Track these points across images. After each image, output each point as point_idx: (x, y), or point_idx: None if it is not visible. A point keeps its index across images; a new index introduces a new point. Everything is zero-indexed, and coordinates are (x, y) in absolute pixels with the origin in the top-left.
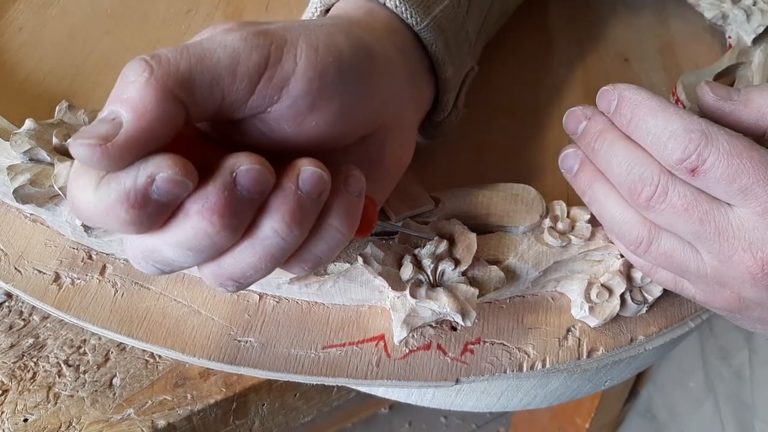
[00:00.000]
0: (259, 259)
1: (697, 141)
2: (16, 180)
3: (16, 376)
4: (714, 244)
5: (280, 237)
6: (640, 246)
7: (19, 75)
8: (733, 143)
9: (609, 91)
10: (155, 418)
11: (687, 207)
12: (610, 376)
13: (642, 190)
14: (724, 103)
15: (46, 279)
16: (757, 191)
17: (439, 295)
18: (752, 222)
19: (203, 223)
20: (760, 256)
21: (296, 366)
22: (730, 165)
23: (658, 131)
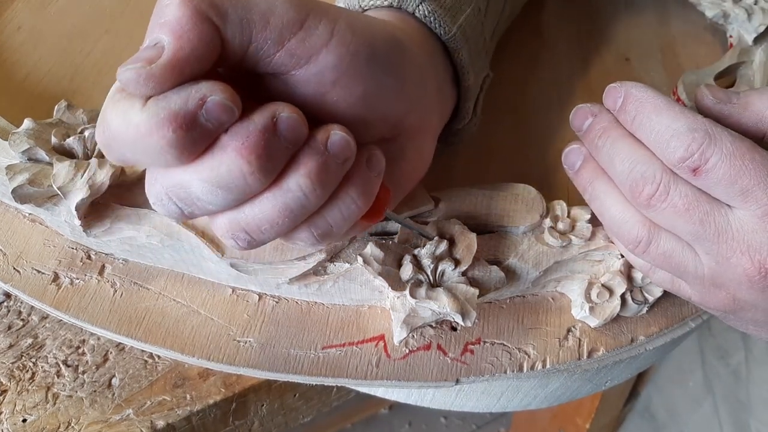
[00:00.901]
0: (278, 213)
1: (700, 140)
2: (15, 180)
3: (14, 377)
4: (713, 246)
5: (303, 192)
6: (639, 245)
7: (18, 74)
8: (736, 144)
9: (616, 88)
10: (154, 418)
11: (688, 207)
12: (611, 377)
13: (643, 188)
14: (723, 106)
15: (45, 279)
16: (758, 193)
17: (439, 295)
18: (751, 224)
19: (240, 161)
20: (757, 258)
21: (296, 366)
22: (732, 166)
23: (661, 129)
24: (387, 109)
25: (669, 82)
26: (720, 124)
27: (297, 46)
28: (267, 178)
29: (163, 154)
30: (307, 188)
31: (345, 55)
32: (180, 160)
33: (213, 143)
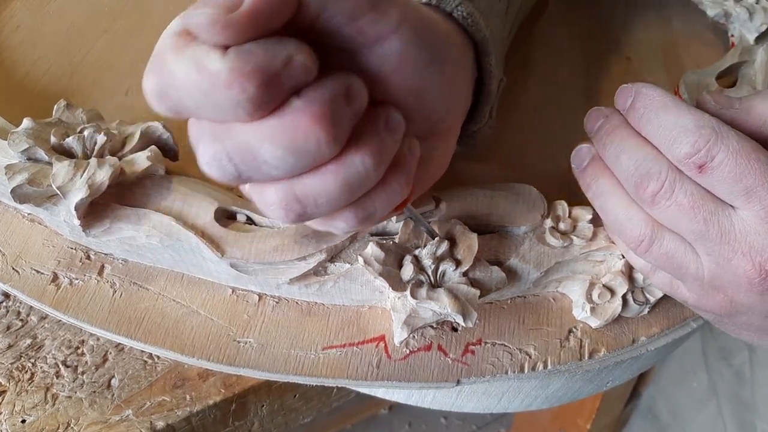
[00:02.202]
0: (338, 188)
1: (707, 137)
2: (14, 179)
3: (14, 377)
4: (715, 246)
5: (365, 169)
6: (642, 244)
7: (16, 74)
8: (742, 143)
9: (627, 88)
10: (154, 419)
11: (693, 205)
12: (612, 377)
13: (648, 185)
14: (726, 111)
15: (44, 279)
16: (762, 194)
17: (440, 295)
18: (754, 226)
19: (317, 127)
20: (758, 261)
21: (296, 367)
22: (738, 164)
23: (668, 125)
24: (433, 107)
25: (670, 82)
26: (726, 125)
27: (368, 25)
28: (337, 149)
29: (236, 108)
30: (370, 165)
31: (412, 42)
32: (251, 117)
33: (283, 105)
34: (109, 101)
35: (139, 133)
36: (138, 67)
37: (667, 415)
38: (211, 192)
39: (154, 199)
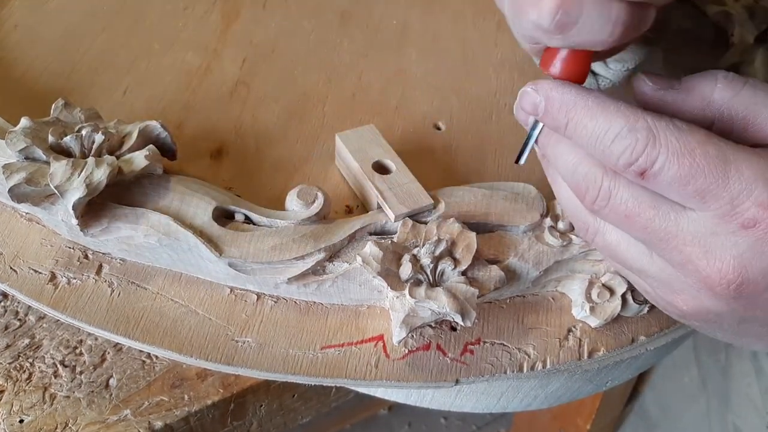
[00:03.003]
0: None
1: (644, 141)
2: (12, 179)
3: (11, 377)
4: (663, 252)
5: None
6: (587, 233)
7: (14, 73)
8: (684, 139)
9: (531, 93)
10: (152, 419)
11: (629, 214)
12: (612, 377)
13: (586, 192)
14: (665, 92)
15: (42, 278)
16: (716, 192)
17: (439, 294)
18: (710, 227)
19: None
20: (718, 265)
21: (294, 366)
22: (681, 165)
23: (599, 133)
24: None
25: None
26: (665, 116)
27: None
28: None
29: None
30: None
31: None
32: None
33: None
34: (107, 100)
35: (137, 132)
36: (136, 65)
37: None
38: (209, 191)
39: (152, 199)
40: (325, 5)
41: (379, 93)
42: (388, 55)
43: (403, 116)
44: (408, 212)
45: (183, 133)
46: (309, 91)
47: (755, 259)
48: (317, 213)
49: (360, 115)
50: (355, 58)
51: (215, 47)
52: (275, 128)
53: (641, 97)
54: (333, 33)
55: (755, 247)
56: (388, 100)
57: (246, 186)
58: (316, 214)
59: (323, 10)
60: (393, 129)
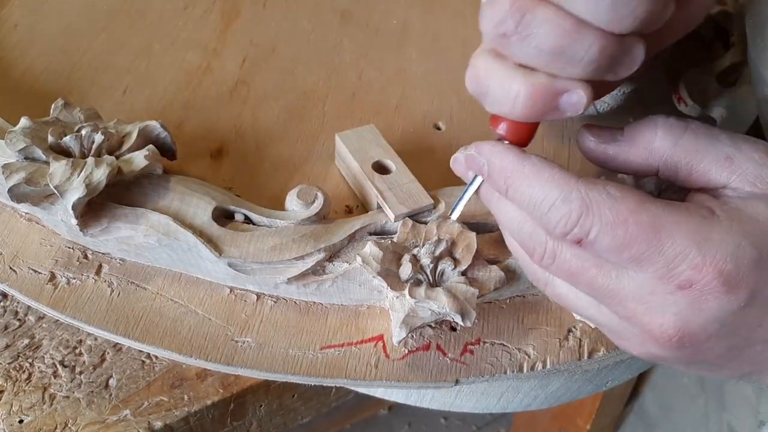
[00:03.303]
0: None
1: (577, 212)
2: (11, 178)
3: (11, 377)
4: (609, 305)
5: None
6: (539, 283)
7: (14, 72)
8: (617, 209)
9: (475, 156)
10: (152, 419)
11: (573, 273)
12: (612, 377)
13: (533, 251)
14: (608, 146)
15: (42, 278)
16: (651, 258)
17: (439, 295)
18: (649, 287)
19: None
20: (659, 321)
21: (294, 367)
22: (615, 236)
23: (536, 201)
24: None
25: (670, 81)
26: (599, 183)
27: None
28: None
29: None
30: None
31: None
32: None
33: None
34: (106, 100)
35: (137, 131)
36: (136, 65)
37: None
38: (209, 191)
39: (152, 199)
40: (325, 4)
41: (379, 92)
42: (388, 55)
43: (404, 116)
44: (408, 212)
45: (183, 133)
46: (309, 90)
47: (694, 316)
48: (317, 213)
49: (360, 114)
50: (355, 57)
51: (215, 47)
52: (275, 128)
53: (586, 153)
54: (333, 32)
55: (693, 305)
56: (388, 99)
57: (246, 186)
58: (316, 214)
59: (323, 10)
60: (393, 129)
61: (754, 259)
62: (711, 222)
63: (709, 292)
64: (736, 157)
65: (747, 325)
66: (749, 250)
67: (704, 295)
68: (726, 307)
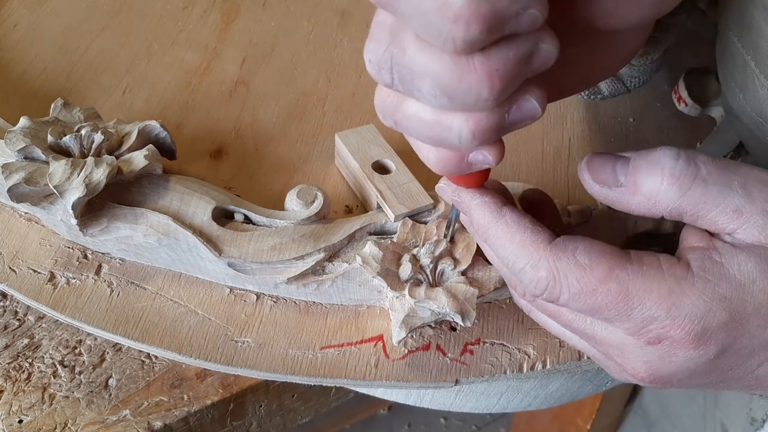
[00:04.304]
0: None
1: (545, 281)
2: (11, 178)
3: (10, 377)
4: (587, 341)
5: (458, 137)
6: (523, 308)
7: (14, 72)
8: (585, 280)
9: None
10: (151, 419)
11: (551, 314)
12: (611, 377)
13: (515, 287)
14: (609, 191)
15: (41, 278)
16: (621, 320)
17: (439, 295)
18: (621, 338)
19: (485, 84)
20: (632, 365)
21: (294, 367)
22: (584, 304)
23: (509, 262)
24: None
25: (669, 80)
26: (569, 251)
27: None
28: (492, 107)
29: (447, 39)
30: (466, 137)
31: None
32: (454, 51)
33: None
34: (106, 100)
35: (137, 131)
36: (135, 65)
37: (657, 410)
38: (208, 191)
39: (152, 198)
40: (324, 4)
41: None
42: None
43: None
44: (408, 212)
45: (182, 133)
46: (308, 90)
47: (664, 365)
48: (317, 213)
49: (360, 114)
50: (354, 57)
51: (215, 47)
52: (275, 128)
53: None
54: (333, 32)
55: (663, 357)
56: None
57: (245, 186)
58: (315, 214)
59: (323, 10)
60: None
61: (723, 321)
62: (684, 285)
63: (677, 347)
64: (746, 210)
65: (718, 371)
66: (719, 314)
67: (673, 349)
68: (695, 359)
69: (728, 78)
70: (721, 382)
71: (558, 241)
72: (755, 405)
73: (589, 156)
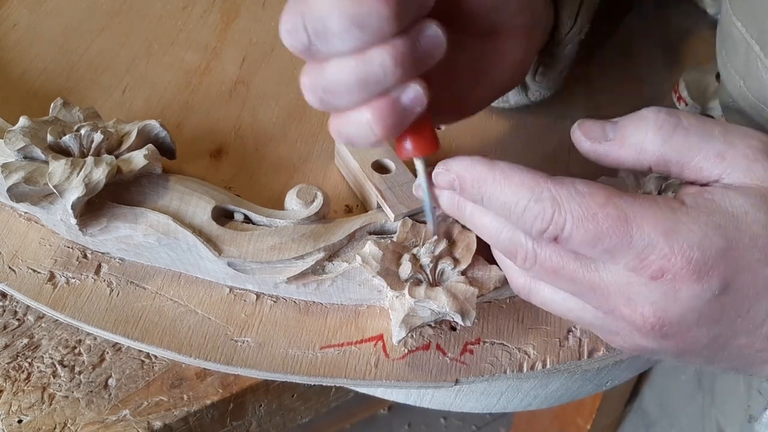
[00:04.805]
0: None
1: (550, 210)
2: (10, 178)
3: (10, 377)
4: (592, 300)
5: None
6: (523, 292)
7: (13, 72)
8: (586, 204)
9: (443, 173)
10: (151, 419)
11: (555, 269)
12: (612, 377)
13: (515, 254)
14: (599, 145)
15: (41, 278)
16: (622, 249)
17: (438, 294)
18: (625, 278)
19: (380, 3)
20: (640, 311)
21: (294, 366)
22: (586, 230)
23: (510, 205)
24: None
25: (670, 79)
26: (567, 182)
27: None
28: (397, 27)
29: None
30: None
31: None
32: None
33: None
34: (106, 99)
35: (136, 131)
36: (135, 65)
37: (657, 409)
38: (208, 191)
39: (151, 198)
40: None
41: None
42: None
43: None
44: (408, 212)
45: (182, 133)
46: None
47: (670, 305)
48: (316, 212)
49: None
50: None
51: (215, 46)
52: (275, 127)
53: (579, 149)
54: None
55: (668, 294)
56: None
57: (245, 185)
58: (315, 213)
59: None
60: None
61: (721, 248)
62: (679, 213)
63: (680, 281)
64: (728, 154)
65: (726, 315)
66: (716, 240)
67: (676, 283)
68: (700, 295)
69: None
70: (731, 337)
71: (556, 176)
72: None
73: (580, 120)
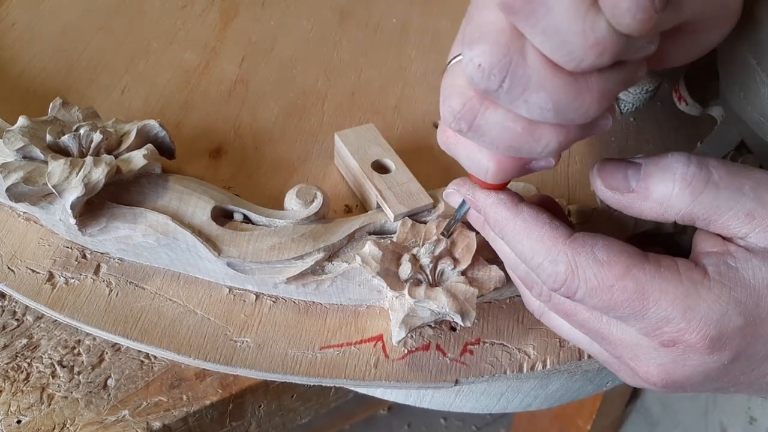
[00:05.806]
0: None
1: (563, 275)
2: (9, 178)
3: (9, 377)
4: (601, 343)
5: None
6: (535, 313)
7: (12, 71)
8: (602, 275)
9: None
10: (150, 419)
11: (567, 313)
12: (612, 377)
13: (531, 287)
14: (621, 196)
15: (40, 278)
16: (636, 319)
17: (438, 294)
18: (635, 339)
19: (594, 104)
20: (645, 369)
21: (293, 367)
22: (600, 300)
23: (527, 257)
24: None
25: (670, 79)
26: (588, 245)
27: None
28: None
29: (578, 57)
30: (549, 150)
31: None
32: (574, 68)
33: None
34: (105, 99)
35: (136, 131)
36: (134, 64)
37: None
38: (208, 191)
39: (151, 198)
40: (324, 4)
41: (378, 92)
42: (387, 54)
43: (403, 115)
44: (407, 212)
45: (181, 132)
46: (308, 89)
47: (677, 369)
48: (316, 212)
49: (359, 113)
50: (354, 56)
51: (214, 46)
52: (274, 127)
53: (602, 198)
54: (332, 31)
55: (677, 360)
56: (387, 98)
57: (245, 185)
58: (315, 213)
59: (322, 9)
60: (392, 128)
61: (739, 326)
62: (700, 289)
63: (692, 351)
64: (758, 213)
65: (731, 375)
66: (735, 318)
67: (688, 353)
68: (710, 365)
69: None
70: (732, 386)
71: (577, 236)
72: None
73: (600, 162)
